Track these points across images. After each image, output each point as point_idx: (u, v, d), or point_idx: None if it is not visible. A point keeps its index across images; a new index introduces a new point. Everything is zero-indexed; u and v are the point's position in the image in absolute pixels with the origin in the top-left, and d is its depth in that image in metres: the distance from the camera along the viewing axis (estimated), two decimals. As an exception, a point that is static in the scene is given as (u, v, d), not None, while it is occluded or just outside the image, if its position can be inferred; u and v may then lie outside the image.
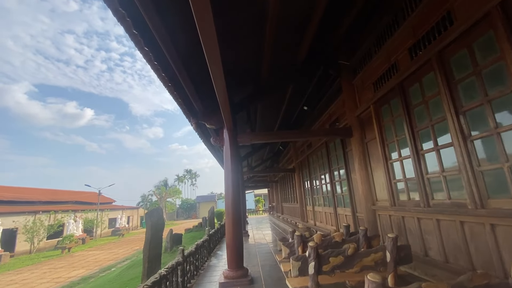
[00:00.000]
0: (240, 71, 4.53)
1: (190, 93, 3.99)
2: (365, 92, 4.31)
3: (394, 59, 3.48)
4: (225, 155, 4.40)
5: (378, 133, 3.90)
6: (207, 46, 1.99)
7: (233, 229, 4.10)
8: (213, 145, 5.52)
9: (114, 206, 37.37)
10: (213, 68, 2.45)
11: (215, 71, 2.54)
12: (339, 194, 5.82)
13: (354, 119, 4.55)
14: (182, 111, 4.37)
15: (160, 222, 6.82)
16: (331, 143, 6.07)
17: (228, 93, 3.38)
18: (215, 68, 2.45)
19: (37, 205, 23.31)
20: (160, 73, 3.40)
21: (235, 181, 4.20)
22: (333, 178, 6.09)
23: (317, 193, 7.53)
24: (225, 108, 3.79)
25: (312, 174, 7.93)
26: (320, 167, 7.01)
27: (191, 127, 7.53)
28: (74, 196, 29.75)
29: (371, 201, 4.21)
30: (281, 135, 4.51)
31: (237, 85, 4.60)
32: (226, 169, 4.33)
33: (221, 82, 2.89)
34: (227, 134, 4.42)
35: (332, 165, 6.10)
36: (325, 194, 6.73)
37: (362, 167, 4.37)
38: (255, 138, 4.47)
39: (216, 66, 2.43)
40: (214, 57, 2.25)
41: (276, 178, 16.23)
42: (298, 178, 9.58)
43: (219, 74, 2.63)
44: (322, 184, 6.97)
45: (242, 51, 4.17)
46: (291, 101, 5.76)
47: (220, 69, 2.51)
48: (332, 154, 6.06)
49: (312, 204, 7.96)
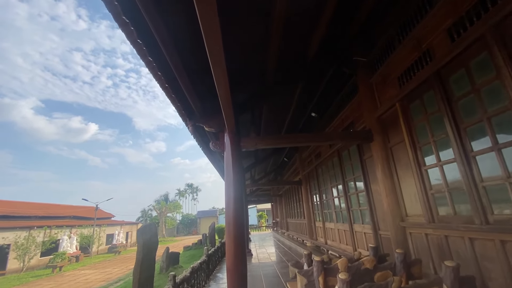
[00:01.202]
0: (244, 67, 4.02)
1: (187, 90, 3.45)
2: (387, 90, 3.75)
3: (426, 46, 2.93)
4: (226, 162, 3.80)
5: (407, 135, 3.29)
6: (208, 39, 1.62)
7: (234, 250, 3.43)
8: (212, 152, 4.93)
9: (112, 221, 36.35)
10: (214, 62, 1.96)
11: (217, 66, 2.03)
12: (355, 209, 5.12)
13: (374, 121, 3.96)
14: (178, 111, 3.81)
15: (153, 240, 6.11)
16: (344, 151, 5.45)
17: (230, 92, 2.85)
18: (217, 62, 1.96)
19: (32, 220, 22.51)
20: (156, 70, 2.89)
21: (237, 192, 3.57)
22: (348, 190, 5.41)
23: (328, 207, 6.81)
24: (227, 108, 3.23)
25: (322, 187, 7.24)
26: (331, 178, 6.34)
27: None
28: (72, 211, 28.89)
29: (399, 217, 3.53)
30: (290, 139, 3.92)
31: (240, 83, 4.07)
32: (227, 178, 3.71)
33: (224, 78, 2.37)
34: (228, 137, 3.83)
35: (346, 176, 5.44)
36: (338, 209, 6.02)
37: (386, 176, 3.72)
38: (261, 142, 3.88)
39: (218, 61, 1.94)
40: (216, 51, 1.80)
41: (280, 192, 15.46)
42: (305, 191, 8.87)
43: (221, 69, 2.13)
44: (334, 197, 6.28)
45: (246, 45, 3.67)
46: (299, 104, 5.21)
47: (222, 64, 2.02)
48: (346, 163, 5.42)
49: (322, 220, 7.22)
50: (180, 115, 3.78)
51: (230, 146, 3.80)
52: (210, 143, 3.95)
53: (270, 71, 4.05)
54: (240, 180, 3.71)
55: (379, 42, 3.92)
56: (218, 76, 2.34)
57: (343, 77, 4.88)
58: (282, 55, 3.87)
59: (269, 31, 3.37)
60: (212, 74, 2.34)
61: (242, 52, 3.72)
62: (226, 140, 3.85)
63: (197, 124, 4.02)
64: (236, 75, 3.90)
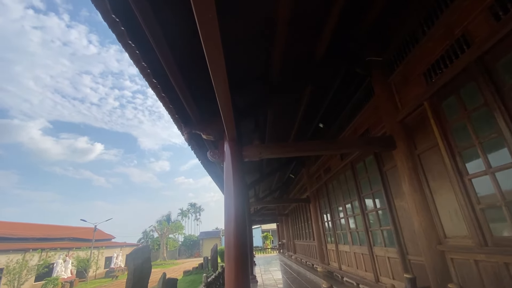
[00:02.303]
0: (246, 68, 3.61)
1: (182, 93, 3.03)
2: (410, 89, 3.27)
3: (461, 31, 2.48)
4: (225, 174, 3.28)
5: (442, 139, 2.75)
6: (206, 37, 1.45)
7: (236, 278, 2.82)
8: (210, 163, 4.41)
9: (112, 243, 35.21)
10: (212, 62, 1.72)
11: (215, 65, 1.76)
12: (375, 229, 4.46)
13: (395, 126, 3.44)
14: (172, 117, 3.37)
15: (145, 265, 5.44)
16: (359, 163, 4.89)
17: (231, 94, 2.42)
18: (215, 60, 1.70)
19: (30, 242, 21.76)
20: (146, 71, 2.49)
21: (239, 208, 3.01)
22: (365, 208, 4.78)
23: (342, 227, 6.11)
24: (227, 113, 2.78)
25: (333, 204, 6.59)
26: (345, 194, 5.72)
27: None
28: (70, 232, 28.02)
29: (435, 239, 2.90)
30: (299, 147, 3.40)
31: (241, 86, 3.65)
32: (227, 192, 3.17)
33: (223, 78, 2.00)
34: (228, 146, 3.34)
35: (363, 191, 4.83)
36: (354, 229, 5.34)
37: (415, 190, 3.14)
38: (266, 151, 3.37)
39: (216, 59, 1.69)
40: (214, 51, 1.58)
41: (286, 211, 14.64)
42: (314, 210, 8.18)
43: (220, 68, 1.82)
44: (348, 216, 5.62)
45: (248, 44, 3.28)
46: (307, 111, 4.75)
47: (221, 62, 1.73)
48: (361, 176, 4.84)
49: (336, 241, 6.48)
50: (174, 120, 3.33)
51: (230, 155, 3.30)
52: (208, 152, 3.45)
53: (275, 73, 3.64)
54: (242, 193, 3.16)
55: (397, 38, 3.50)
56: (216, 75, 1.93)
57: (355, 80, 4.44)
58: (287, 56, 3.47)
59: (274, 29, 2.99)
60: (210, 73, 1.92)
61: (243, 51, 3.32)
62: (226, 149, 3.36)
63: (194, 132, 3.55)
64: (237, 76, 3.49)
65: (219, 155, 3.41)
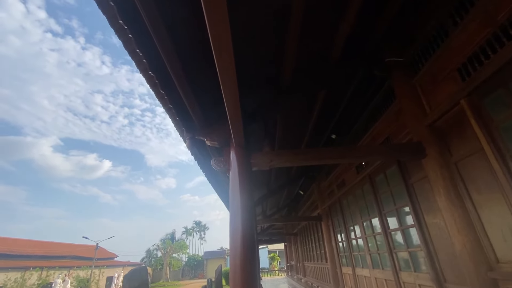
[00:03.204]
0: (255, 68, 3.32)
1: (185, 95, 2.73)
2: (440, 88, 2.89)
3: (505, 15, 2.13)
4: (231, 185, 2.88)
5: (488, 142, 2.32)
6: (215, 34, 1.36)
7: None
8: (214, 173, 4.01)
9: (115, 262, 34.37)
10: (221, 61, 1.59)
11: (224, 66, 1.63)
12: (401, 251, 3.92)
13: (424, 131, 3.03)
14: (172, 120, 3.05)
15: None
16: (378, 175, 4.42)
17: (239, 97, 2.15)
18: (223, 57, 1.55)
19: (31, 259, 21.25)
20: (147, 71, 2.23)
21: (246, 224, 2.58)
22: (387, 226, 4.24)
23: (359, 248, 5.51)
24: (234, 117, 2.46)
25: (349, 222, 6.02)
26: (362, 211, 5.19)
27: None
28: (73, 250, 27.41)
29: (484, 263, 2.39)
30: (314, 154, 3.00)
31: (250, 87, 3.33)
32: (233, 206, 2.76)
33: (232, 81, 1.82)
34: (235, 153, 2.98)
35: (384, 207, 4.32)
36: (374, 250, 4.77)
37: (453, 204, 2.66)
38: (277, 158, 2.98)
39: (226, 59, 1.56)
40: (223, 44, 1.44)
41: (295, 230, 13.88)
42: (326, 229, 7.57)
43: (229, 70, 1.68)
44: (367, 235, 5.05)
45: (258, 41, 3.01)
46: (320, 119, 4.37)
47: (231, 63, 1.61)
48: (382, 190, 4.35)
49: (352, 264, 5.85)
50: (175, 124, 3.00)
51: (237, 163, 2.93)
52: (212, 160, 3.09)
53: (286, 74, 3.33)
54: (250, 207, 2.74)
55: (420, 34, 3.19)
56: (225, 76, 1.75)
57: (373, 83, 4.09)
58: (300, 56, 3.17)
59: (286, 26, 2.72)
60: (218, 73, 1.71)
61: (253, 49, 3.04)
62: (233, 156, 2.99)
63: (197, 138, 3.21)
64: (246, 77, 3.18)
65: (224, 163, 3.03)
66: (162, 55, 2.21)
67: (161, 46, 2.16)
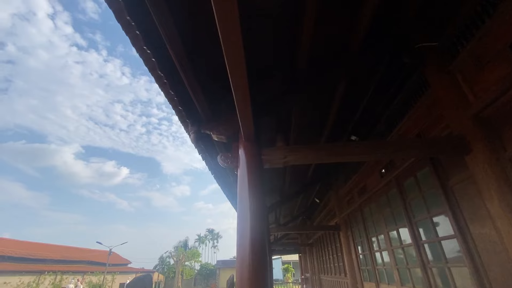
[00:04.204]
0: (267, 56, 2.99)
1: (189, 82, 2.45)
2: (488, 71, 2.43)
3: None
4: (239, 184, 2.52)
5: (561, 129, 1.84)
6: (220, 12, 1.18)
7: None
8: (221, 170, 3.66)
9: (129, 268, 34.55)
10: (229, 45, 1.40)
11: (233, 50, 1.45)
12: (437, 265, 3.36)
13: (467, 123, 2.56)
14: (176, 112, 2.76)
15: (145, 299, 4.58)
16: (407, 179, 3.91)
17: (249, 87, 1.86)
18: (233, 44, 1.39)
19: (48, 263, 21.65)
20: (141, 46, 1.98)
21: (256, 229, 2.20)
22: (419, 237, 3.70)
23: (384, 262, 4.93)
24: (243, 108, 2.16)
25: (372, 232, 5.45)
26: (387, 220, 4.65)
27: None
28: (87, 255, 27.74)
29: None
30: (337, 150, 2.59)
31: (261, 77, 3.01)
32: (241, 207, 2.40)
33: (240, 68, 1.59)
34: (244, 148, 2.63)
35: (415, 215, 3.79)
36: (403, 265, 4.20)
37: (510, 210, 2.16)
38: (292, 154, 2.59)
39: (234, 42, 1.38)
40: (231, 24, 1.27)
41: (310, 240, 13.18)
42: (345, 239, 6.98)
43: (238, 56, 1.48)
44: (393, 247, 4.49)
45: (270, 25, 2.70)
46: (339, 116, 3.94)
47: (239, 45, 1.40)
48: (412, 196, 3.83)
49: (376, 279, 5.24)
50: (178, 115, 2.71)
51: (246, 159, 2.57)
52: (219, 156, 2.75)
53: (301, 63, 2.99)
54: (260, 209, 2.36)
55: (459, 14, 2.76)
56: (233, 60, 1.53)
57: (400, 74, 3.65)
58: (317, 42, 2.83)
59: (302, 8, 2.40)
60: (225, 61, 1.51)
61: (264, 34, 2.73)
62: (241, 151, 2.64)
63: (202, 132, 2.90)
64: (257, 65, 2.87)
65: (232, 159, 2.69)
66: (161, 31, 1.93)
67: (160, 22, 1.88)
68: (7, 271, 15.53)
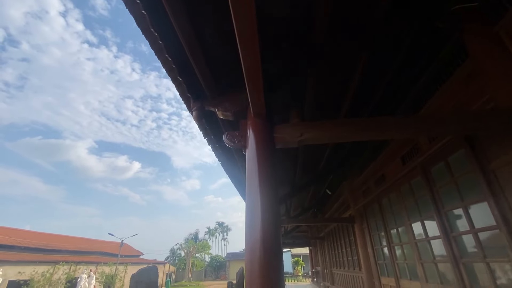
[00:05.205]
0: (280, 23, 2.62)
1: (192, 53, 2.14)
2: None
3: None
4: (248, 167, 2.19)
5: None
6: None
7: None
8: (226, 152, 3.34)
9: (141, 259, 35.22)
10: None
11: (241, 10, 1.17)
12: (475, 261, 2.97)
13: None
14: (176, 86, 2.44)
15: (151, 292, 4.37)
16: (436, 164, 3.50)
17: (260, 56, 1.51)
18: None
19: (63, 254, 22.22)
20: None
21: (268, 217, 1.89)
22: (450, 229, 3.30)
23: (406, 256, 4.55)
24: (253, 78, 1.83)
25: (391, 224, 5.06)
26: (410, 211, 4.25)
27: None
28: (101, 246, 28.40)
29: None
30: (360, 125, 2.21)
31: (273, 46, 2.64)
32: (250, 194, 2.08)
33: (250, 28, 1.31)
34: (254, 125, 2.30)
35: (445, 204, 3.39)
36: (429, 259, 3.82)
37: None
38: (310, 131, 2.24)
39: None
40: None
41: (321, 234, 12.86)
42: (360, 232, 6.61)
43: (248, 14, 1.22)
44: (417, 240, 4.10)
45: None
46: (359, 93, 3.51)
47: None
48: (442, 182, 3.41)
49: (395, 275, 4.88)
50: (177, 86, 2.38)
51: (256, 138, 2.24)
52: (225, 135, 2.43)
53: (319, 31, 2.59)
54: (272, 195, 2.03)
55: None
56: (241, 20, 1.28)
57: (433, 41, 3.18)
58: (336, 9, 2.43)
59: None
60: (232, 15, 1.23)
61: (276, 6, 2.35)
62: (250, 129, 2.31)
63: (206, 109, 2.58)
64: (269, 32, 2.50)
65: (239, 138, 2.36)
66: None
67: None
68: (23, 261, 15.98)
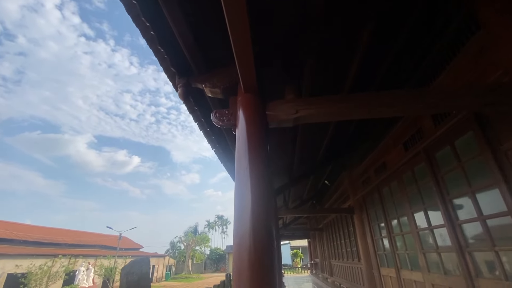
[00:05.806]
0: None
1: (175, 22, 1.90)
2: None
3: None
4: (238, 147, 1.98)
5: None
6: None
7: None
8: (215, 131, 3.11)
9: (141, 252, 35.37)
10: None
11: None
12: (481, 249, 2.79)
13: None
14: (158, 58, 2.20)
15: (143, 284, 4.27)
16: (440, 149, 3.29)
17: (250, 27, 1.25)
18: None
19: (61, 247, 22.21)
20: None
21: (258, 202, 1.68)
22: (456, 216, 3.12)
23: (407, 246, 4.39)
24: (243, 51, 1.60)
25: (392, 214, 4.90)
26: (413, 199, 4.07)
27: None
28: (100, 239, 28.43)
29: None
30: (362, 101, 2.00)
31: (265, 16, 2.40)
32: (239, 175, 1.87)
33: None
34: (244, 102, 2.08)
35: (449, 191, 3.20)
36: (431, 248, 3.66)
37: None
38: (306, 108, 2.02)
39: None
40: None
41: (320, 225, 12.77)
42: (359, 223, 6.46)
43: None
44: (419, 229, 3.93)
45: None
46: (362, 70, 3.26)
47: None
48: (447, 168, 3.21)
49: (396, 265, 4.73)
50: (160, 61, 2.15)
51: (246, 115, 2.02)
52: (213, 113, 2.20)
53: (317, 0, 2.34)
54: (263, 176, 1.82)
55: None
56: None
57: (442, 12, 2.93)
58: None
59: None
60: None
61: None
62: (240, 106, 2.09)
63: (193, 86, 2.35)
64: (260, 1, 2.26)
65: (229, 116, 2.14)
66: None
67: None
68: (20, 254, 15.89)
